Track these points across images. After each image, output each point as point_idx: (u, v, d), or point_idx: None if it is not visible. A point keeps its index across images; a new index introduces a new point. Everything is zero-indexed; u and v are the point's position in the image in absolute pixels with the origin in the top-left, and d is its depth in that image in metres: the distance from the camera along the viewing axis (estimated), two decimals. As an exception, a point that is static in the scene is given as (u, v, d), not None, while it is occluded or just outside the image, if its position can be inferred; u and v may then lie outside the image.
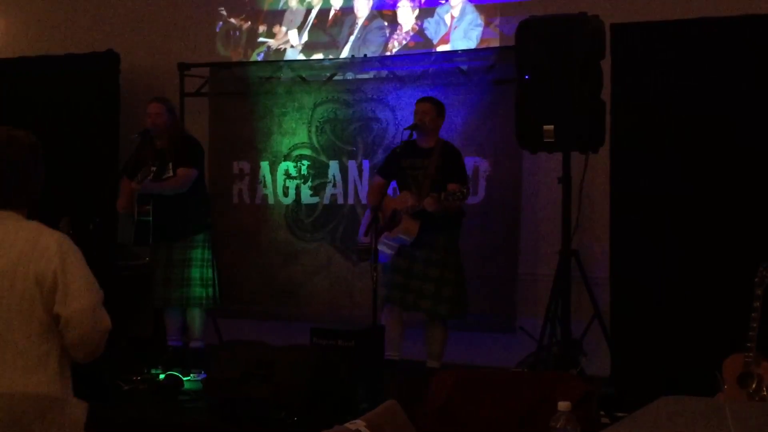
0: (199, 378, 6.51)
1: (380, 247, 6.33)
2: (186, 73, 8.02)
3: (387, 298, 6.45)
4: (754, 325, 5.07)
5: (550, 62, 5.91)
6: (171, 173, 6.74)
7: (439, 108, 6.51)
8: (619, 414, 5.06)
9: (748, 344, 5.07)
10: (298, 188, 7.71)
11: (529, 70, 6.05)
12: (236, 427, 5.57)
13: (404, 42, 7.75)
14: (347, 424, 3.03)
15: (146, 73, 8.29)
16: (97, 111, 8.02)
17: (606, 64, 6.03)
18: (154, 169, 6.67)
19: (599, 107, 5.97)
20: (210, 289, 6.88)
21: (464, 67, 7.14)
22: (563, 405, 2.70)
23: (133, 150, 6.97)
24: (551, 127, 5.91)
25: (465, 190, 6.12)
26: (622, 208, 6.13)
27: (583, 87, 5.88)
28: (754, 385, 5.01)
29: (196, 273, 6.80)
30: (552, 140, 5.95)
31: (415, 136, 6.47)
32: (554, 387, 3.78)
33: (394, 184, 6.68)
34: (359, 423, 3.04)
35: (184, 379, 6.46)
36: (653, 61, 5.99)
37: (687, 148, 5.93)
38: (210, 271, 6.89)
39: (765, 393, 4.97)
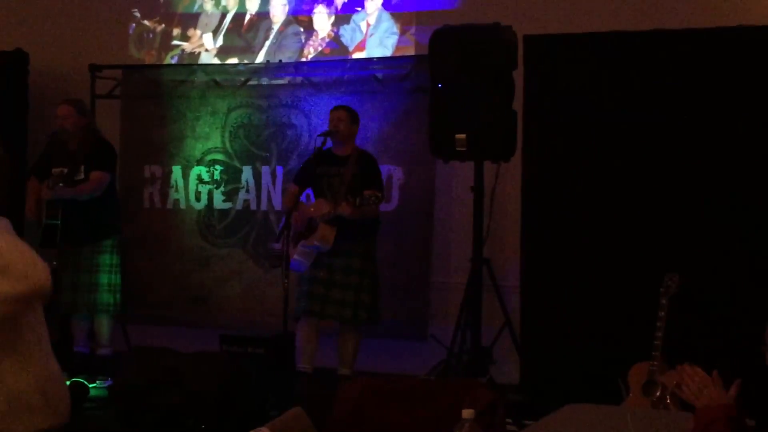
0: (105, 385, 6.40)
1: (297, 255, 6.30)
2: (97, 75, 7.89)
3: (304, 310, 6.39)
4: (659, 334, 5.16)
5: (462, 71, 5.96)
6: (82, 176, 6.62)
7: (353, 115, 6.51)
8: (527, 422, 5.10)
9: (653, 353, 5.16)
10: (210, 193, 7.64)
11: (442, 79, 6.09)
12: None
13: (320, 48, 7.74)
14: (252, 431, 3.00)
15: (56, 73, 8.14)
16: (4, 111, 7.83)
17: (518, 75, 6.09)
18: (65, 171, 6.55)
19: (511, 117, 6.03)
20: (118, 295, 6.77)
21: (379, 75, 7.16)
22: (467, 413, 2.71)
23: (42, 150, 6.83)
24: (463, 136, 5.96)
25: (379, 195, 6.13)
26: (532, 217, 6.20)
27: (495, 97, 5.94)
28: (657, 394, 5.10)
29: (104, 279, 6.69)
30: (464, 149, 5.99)
31: (329, 143, 6.46)
32: (461, 395, 3.79)
33: (309, 191, 6.65)
34: (263, 430, 3.02)
35: (90, 386, 6.34)
36: (565, 72, 6.08)
37: (597, 158, 6.02)
38: (118, 277, 6.79)
39: (668, 401, 5.07)
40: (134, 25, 8.28)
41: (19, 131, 7.78)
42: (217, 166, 7.63)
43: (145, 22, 8.25)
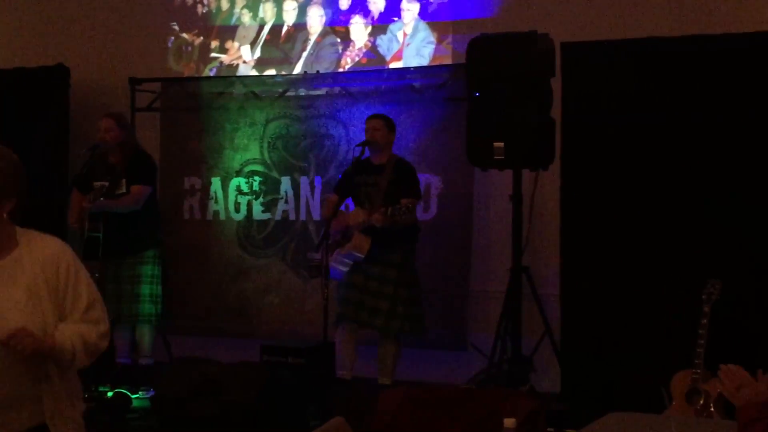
0: (147, 395, 6.44)
1: (333, 264, 6.32)
2: (137, 88, 7.97)
3: (341, 316, 6.42)
4: (702, 341, 5.11)
5: (500, 80, 5.96)
6: (124, 189, 6.68)
7: (389, 124, 6.52)
8: (568, 431, 5.08)
9: (696, 361, 5.11)
10: (249, 204, 7.68)
11: (479, 87, 6.09)
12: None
13: (357, 59, 7.76)
14: (293, 442, 3.02)
15: (97, 87, 8.23)
16: (47, 125, 7.92)
17: (557, 82, 6.07)
18: (106, 184, 6.62)
19: (549, 125, 6.01)
20: (160, 306, 6.82)
21: (416, 84, 7.16)
22: (508, 422, 2.71)
23: (84, 163, 6.90)
24: (501, 144, 5.94)
25: (410, 205, 6.12)
26: (572, 225, 6.16)
27: (532, 105, 5.93)
28: (701, 402, 5.05)
29: (146, 290, 6.74)
30: (502, 157, 5.98)
31: (367, 152, 6.47)
32: (502, 404, 3.78)
33: (349, 200, 6.68)
34: (305, 440, 3.03)
35: (133, 396, 6.39)
36: (603, 79, 6.04)
37: (636, 165, 5.97)
38: (159, 288, 6.83)
39: (712, 409, 5.02)
40: (173, 38, 8.35)
41: (60, 145, 7.87)
42: (256, 177, 7.67)
43: (184, 35, 8.32)
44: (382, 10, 7.66)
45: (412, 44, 7.57)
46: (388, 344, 6.48)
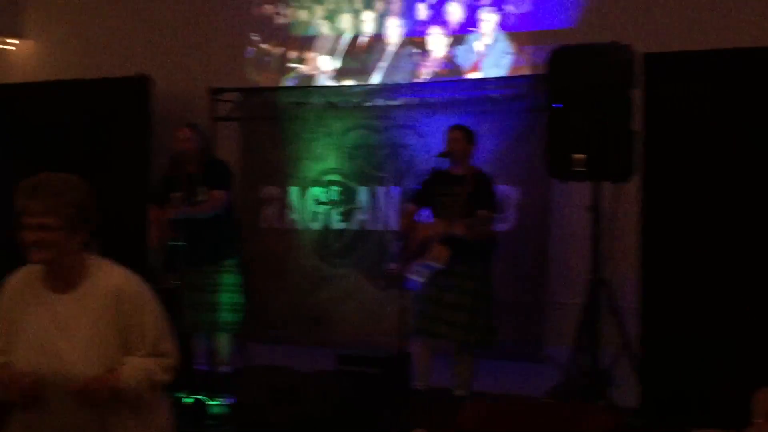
0: (225, 403, 6.50)
1: (411, 274, 6.32)
2: (217, 98, 8.07)
3: (417, 330, 6.42)
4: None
5: (580, 91, 5.91)
6: (202, 197, 6.75)
7: (469, 135, 6.51)
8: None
9: (781, 377, 5.00)
10: (327, 214, 7.72)
11: (559, 98, 6.04)
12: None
13: (435, 69, 7.76)
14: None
15: (178, 97, 8.34)
16: (129, 135, 8.06)
17: (639, 93, 6.00)
18: (185, 193, 6.70)
19: (630, 137, 5.95)
20: (240, 314, 6.87)
21: (495, 95, 7.14)
22: (592, 438, 2.68)
23: (162, 175, 6.99)
24: (582, 156, 5.89)
25: (491, 216, 6.11)
26: (653, 238, 6.09)
27: (613, 116, 5.87)
28: (786, 420, 4.94)
29: (226, 298, 6.79)
30: (582, 169, 5.93)
31: (446, 163, 6.47)
32: (583, 419, 3.74)
33: (426, 210, 6.67)
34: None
35: (211, 403, 6.45)
36: (686, 90, 5.96)
37: (720, 178, 5.88)
38: (240, 296, 6.88)
39: (797, 428, 4.90)
40: (253, 48, 8.44)
41: (142, 154, 7.99)
42: (334, 187, 7.71)
43: (264, 45, 8.41)
44: (461, 20, 7.66)
45: (491, 55, 7.55)
46: (464, 356, 6.47)
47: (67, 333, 3.07)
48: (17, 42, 9.09)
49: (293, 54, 8.33)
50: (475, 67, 7.61)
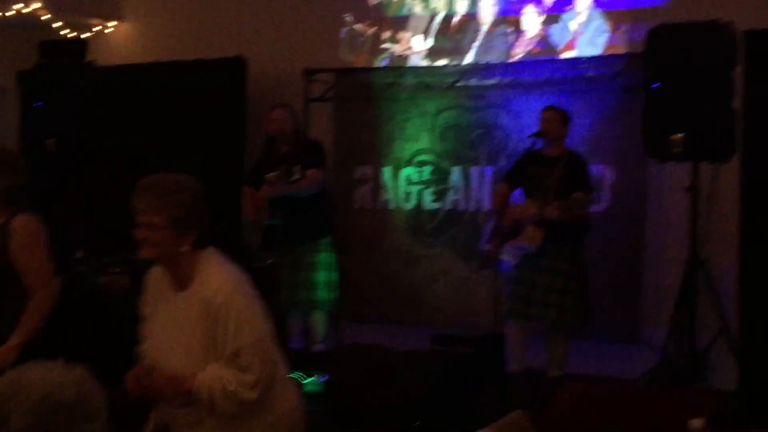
0: (320, 381, 6.58)
1: (503, 256, 6.31)
2: (311, 79, 8.13)
3: (511, 312, 6.41)
4: None
5: (680, 70, 5.82)
6: (298, 176, 6.82)
7: (564, 116, 6.45)
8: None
9: None
10: (420, 194, 7.75)
11: (657, 78, 5.96)
12: (356, 429, 5.61)
13: (528, 48, 7.70)
14: (474, 433, 3.03)
15: (272, 78, 8.42)
16: (224, 116, 8.19)
17: (739, 72, 5.89)
18: (279, 173, 6.77)
19: (731, 116, 5.84)
20: (336, 293, 6.94)
21: (590, 74, 7.06)
22: (696, 422, 2.66)
23: (258, 157, 7.08)
24: (680, 136, 5.81)
25: (588, 197, 6.06)
26: (753, 219, 5.98)
27: (714, 95, 5.77)
28: None
29: (322, 276, 6.86)
30: (681, 150, 5.84)
31: (540, 143, 6.43)
32: (682, 402, 3.70)
33: (519, 191, 6.65)
34: (486, 432, 3.04)
35: (305, 382, 6.53)
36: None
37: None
38: (335, 274, 6.95)
39: None
40: (346, 29, 8.48)
41: (238, 135, 8.10)
42: (427, 167, 7.73)
43: (357, 26, 8.44)
44: (555, -1, 7.59)
45: (586, 33, 7.46)
46: (558, 336, 6.45)
47: (177, 331, 3.15)
48: (116, 24, 9.27)
49: (386, 34, 8.34)
50: (569, 46, 7.54)
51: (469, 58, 7.89)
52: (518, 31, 7.74)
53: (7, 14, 8.64)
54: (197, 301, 3.11)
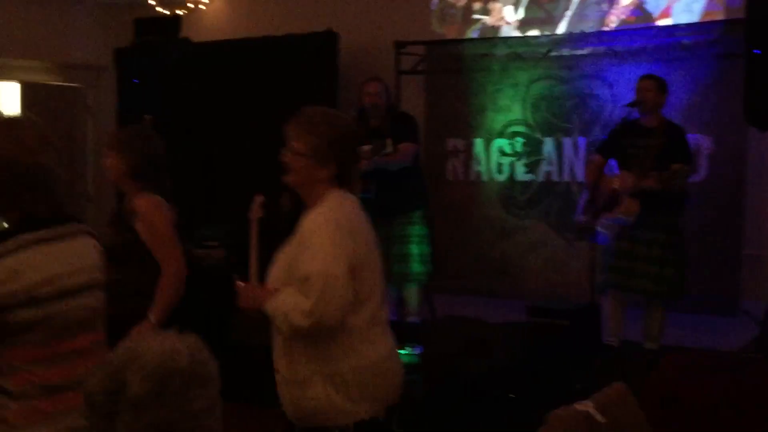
0: (414, 353, 6.61)
1: (599, 228, 6.24)
2: (402, 51, 8.13)
3: (608, 283, 6.35)
4: None
5: (782, 36, 5.66)
6: (390, 149, 6.82)
7: (661, 85, 6.33)
8: None
9: None
10: (512, 165, 7.71)
11: (759, 44, 5.80)
12: (452, 402, 5.64)
13: (623, 17, 7.58)
14: (575, 405, 2.99)
15: (363, 51, 8.44)
16: (316, 90, 8.22)
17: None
18: (372, 146, 6.79)
19: (834, 82, 5.68)
20: (429, 265, 6.95)
21: (686, 42, 6.93)
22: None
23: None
24: (783, 103, 5.67)
25: (688, 169, 5.94)
26: None
27: (817, 61, 5.61)
28: None
29: (414, 249, 6.87)
30: (784, 117, 5.70)
31: (636, 113, 6.33)
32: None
33: (612, 162, 6.56)
34: (588, 405, 3.00)
35: (400, 353, 6.56)
36: None
37: None
38: (428, 247, 6.96)
39: None
40: (437, 1, 8.44)
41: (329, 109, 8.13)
42: (519, 138, 7.69)
43: (448, -3, 8.41)
44: (651, -35, 7.45)
45: (682, 0, 7.31)
46: (655, 308, 6.36)
47: (283, 255, 3.29)
48: (208, 1, 9.37)
49: (478, 5, 8.29)
50: (665, 14, 7.40)
51: (561, 28, 7.80)
52: (612, 0, 7.62)
53: (103, -7, 8.82)
54: (299, 228, 3.22)
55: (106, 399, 1.76)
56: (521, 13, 8.06)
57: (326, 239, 3.14)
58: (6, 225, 2.72)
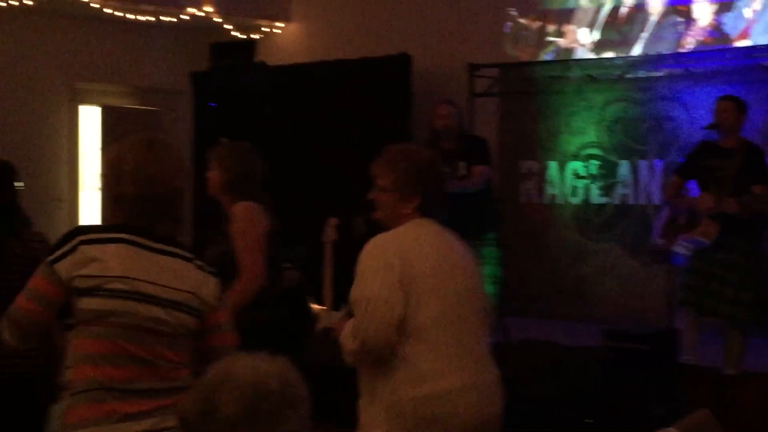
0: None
1: (677, 249, 6.17)
2: (475, 74, 8.14)
3: (683, 301, 6.27)
4: None
5: None
6: (464, 172, 6.83)
7: (740, 106, 6.25)
8: None
9: None
10: (587, 188, 7.66)
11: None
12: (527, 427, 5.60)
13: (700, 38, 7.51)
14: (660, 431, 2.96)
15: (437, 74, 8.47)
16: (389, 113, 8.28)
17: None
18: (446, 170, 6.80)
19: None
20: (499, 288, 6.93)
21: (766, 63, 6.84)
22: None
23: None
24: None
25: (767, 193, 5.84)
26: None
27: None
28: None
29: (486, 271, 6.85)
30: None
31: (714, 135, 6.26)
32: None
33: (690, 183, 6.48)
34: (671, 431, 2.97)
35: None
36: None
37: None
38: (499, 269, 6.94)
39: None
40: (511, 23, 8.45)
41: (403, 132, 8.17)
42: (594, 161, 7.64)
43: (522, 20, 8.40)
44: (728, -13, 7.38)
45: (761, 21, 7.22)
46: (733, 333, 6.24)
47: None
48: (283, 25, 9.50)
49: (551, 27, 8.28)
50: (743, 35, 7.31)
51: (637, 50, 7.75)
52: (689, 21, 7.55)
53: (180, 18, 8.97)
54: None
55: (199, 419, 1.79)
56: (596, 35, 8.02)
57: (370, 263, 3.22)
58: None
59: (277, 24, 9.46)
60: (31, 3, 8.23)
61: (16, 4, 8.23)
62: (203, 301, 2.82)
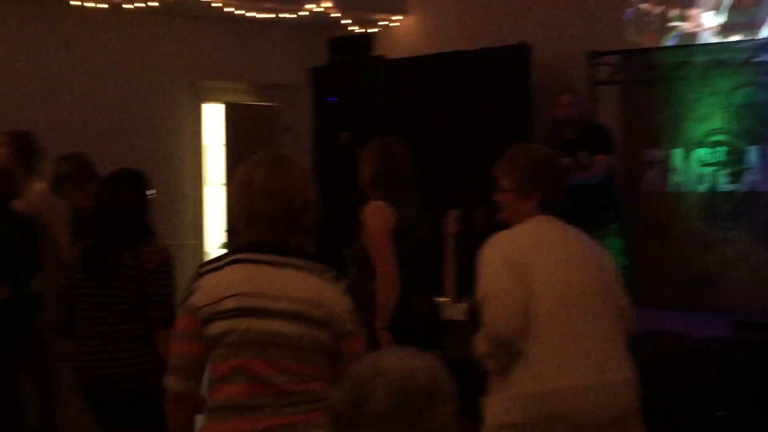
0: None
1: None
2: (596, 62, 8.03)
3: None
4: None
5: None
6: (584, 162, 6.77)
7: None
8: None
9: None
10: (713, 175, 7.49)
11: None
12: (656, 419, 5.51)
13: (833, 18, 7.26)
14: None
15: (556, 63, 8.37)
16: (509, 104, 8.22)
17: None
18: (567, 159, 6.74)
19: None
20: (625, 278, 6.83)
21: None
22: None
23: (541, 141, 7.07)
24: None
25: None
26: None
27: None
28: None
29: (612, 262, 6.78)
30: None
31: None
32: None
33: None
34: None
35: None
36: None
37: None
38: (624, 260, 6.85)
39: None
40: (632, 9, 8.29)
41: (523, 123, 8.12)
42: (720, 147, 7.46)
43: (643, 5, 8.24)
44: None
45: None
46: None
47: None
48: (401, 18, 9.52)
49: (674, 12, 8.09)
50: None
51: (765, 32, 7.53)
52: (821, 1, 7.31)
53: (299, 14, 9.07)
54: None
55: (349, 412, 1.82)
56: (721, 18, 7.82)
57: (488, 261, 3.31)
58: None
59: (395, 17, 9.49)
60: (156, 4, 8.43)
61: (143, 5, 8.44)
62: (329, 310, 2.78)
